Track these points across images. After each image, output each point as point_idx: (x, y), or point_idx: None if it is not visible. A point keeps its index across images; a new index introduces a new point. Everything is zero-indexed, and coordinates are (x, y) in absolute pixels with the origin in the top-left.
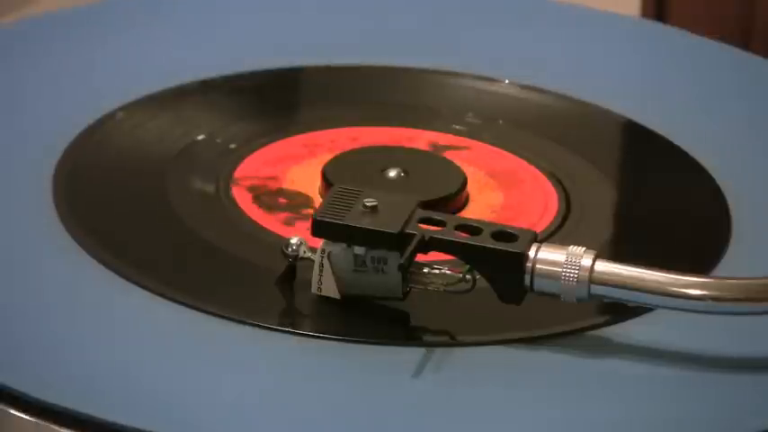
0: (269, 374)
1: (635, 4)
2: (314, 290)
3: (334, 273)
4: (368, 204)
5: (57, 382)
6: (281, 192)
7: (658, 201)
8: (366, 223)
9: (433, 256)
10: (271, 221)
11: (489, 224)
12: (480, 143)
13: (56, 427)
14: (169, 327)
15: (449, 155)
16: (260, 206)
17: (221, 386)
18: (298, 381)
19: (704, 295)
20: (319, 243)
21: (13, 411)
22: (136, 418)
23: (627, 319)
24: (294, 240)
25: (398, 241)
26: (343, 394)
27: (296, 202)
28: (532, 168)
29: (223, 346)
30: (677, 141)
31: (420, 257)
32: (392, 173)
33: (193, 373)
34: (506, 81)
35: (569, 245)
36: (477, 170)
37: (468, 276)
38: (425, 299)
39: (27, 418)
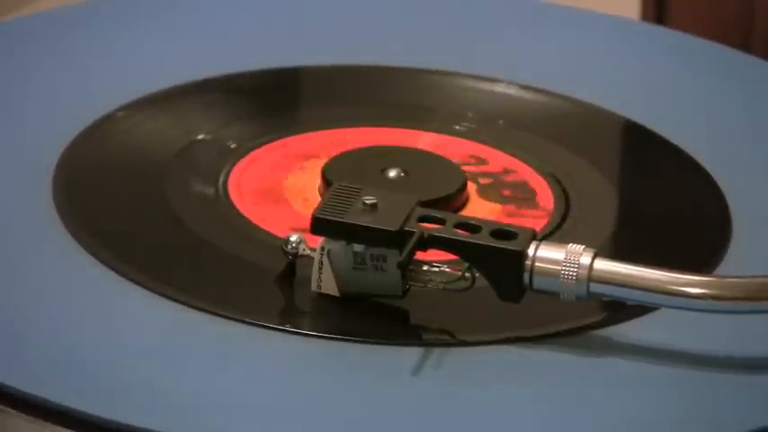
0: (268, 373)
1: (635, 2)
2: (313, 287)
3: (333, 270)
4: (367, 202)
5: (56, 382)
6: None
7: (658, 201)
8: (365, 221)
9: (433, 254)
10: (270, 220)
11: (489, 222)
12: (480, 144)
13: (55, 426)
14: (168, 326)
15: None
16: None
17: (221, 385)
18: (297, 379)
19: (704, 294)
20: (319, 241)
21: (12, 411)
22: (135, 418)
23: (627, 319)
24: (294, 238)
25: (398, 239)
26: (343, 393)
27: None
28: (532, 168)
29: (222, 346)
30: (677, 141)
31: (420, 255)
32: (392, 173)
33: (193, 372)
34: (506, 81)
35: (569, 243)
36: (476, 170)
37: (467, 274)
38: (425, 297)
39: (26, 417)
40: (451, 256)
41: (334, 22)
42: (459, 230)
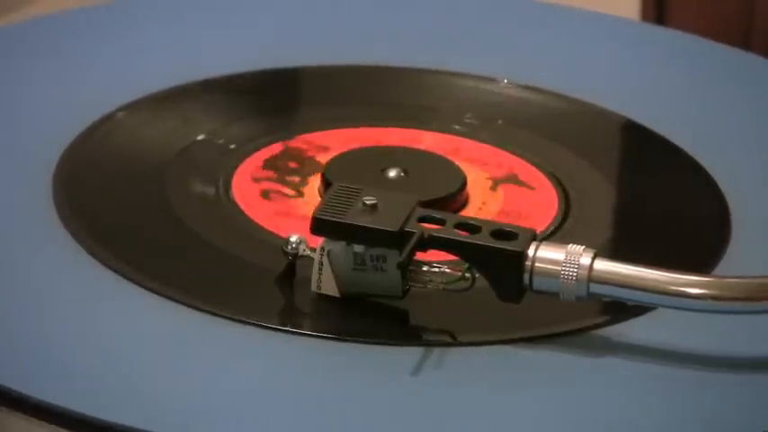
0: (268, 374)
1: (635, 2)
2: (313, 288)
3: (333, 271)
4: (367, 202)
5: (56, 382)
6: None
7: (658, 201)
8: (365, 221)
9: (433, 254)
10: (270, 220)
11: (489, 223)
12: (480, 143)
13: (54, 427)
14: (169, 327)
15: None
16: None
17: (220, 386)
18: (297, 380)
19: (704, 294)
20: (319, 241)
21: (11, 411)
22: (135, 418)
23: (627, 319)
24: (294, 238)
25: (398, 239)
26: (343, 394)
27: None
28: (532, 168)
29: (223, 346)
30: (677, 141)
31: (420, 256)
32: (392, 173)
33: (193, 373)
34: (506, 81)
35: (569, 244)
36: (476, 170)
37: (467, 275)
38: (425, 297)
39: (25, 417)
40: (452, 257)
41: (335, 22)
42: (459, 231)
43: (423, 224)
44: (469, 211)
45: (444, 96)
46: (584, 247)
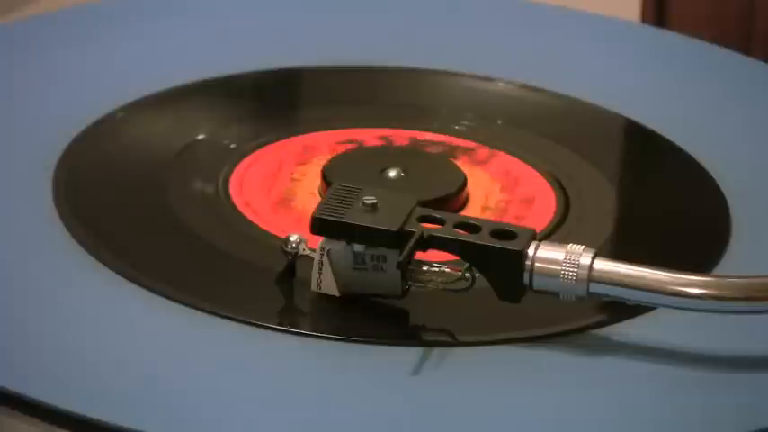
0: (268, 374)
1: (635, 2)
2: (313, 288)
3: (333, 270)
4: (367, 202)
5: (56, 383)
6: None
7: (658, 201)
8: (365, 221)
9: (433, 254)
10: (270, 220)
11: (489, 222)
12: (479, 143)
13: (54, 428)
14: (169, 327)
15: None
16: None
17: (220, 386)
18: (297, 380)
19: (704, 294)
20: (319, 241)
21: (11, 412)
22: (135, 419)
23: (627, 319)
24: (294, 238)
25: (398, 239)
26: (343, 394)
27: None
28: (531, 168)
29: (223, 346)
30: (677, 141)
31: (420, 255)
32: (392, 173)
33: (193, 373)
34: (505, 82)
35: (568, 243)
36: (476, 170)
37: (467, 274)
38: (425, 297)
39: (26, 418)
40: (451, 256)
41: (334, 22)
42: (459, 230)
43: (423, 224)
44: (469, 212)
45: (444, 96)
46: (584, 246)
